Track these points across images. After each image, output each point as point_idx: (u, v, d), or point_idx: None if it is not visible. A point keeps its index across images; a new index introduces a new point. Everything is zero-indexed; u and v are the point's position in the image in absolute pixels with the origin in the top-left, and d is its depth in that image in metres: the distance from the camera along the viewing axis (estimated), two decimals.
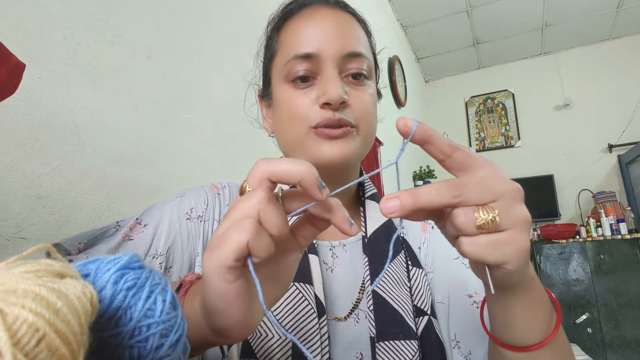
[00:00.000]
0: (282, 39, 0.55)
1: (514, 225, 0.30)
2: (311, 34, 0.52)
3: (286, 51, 0.53)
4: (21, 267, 0.19)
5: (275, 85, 0.55)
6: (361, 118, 0.52)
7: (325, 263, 0.54)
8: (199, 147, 1.14)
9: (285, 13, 0.57)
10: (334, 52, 0.51)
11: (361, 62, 0.53)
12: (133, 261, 0.27)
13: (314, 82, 0.52)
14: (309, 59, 0.51)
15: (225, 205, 0.58)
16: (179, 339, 0.27)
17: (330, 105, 0.49)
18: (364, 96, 0.53)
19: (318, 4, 0.56)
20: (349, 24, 0.55)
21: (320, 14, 0.54)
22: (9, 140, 0.68)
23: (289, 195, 0.32)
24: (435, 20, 3.59)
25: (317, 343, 0.46)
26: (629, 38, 3.93)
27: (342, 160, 0.51)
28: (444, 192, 0.29)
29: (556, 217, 3.78)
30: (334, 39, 0.51)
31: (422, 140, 0.31)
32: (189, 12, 1.17)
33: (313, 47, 0.51)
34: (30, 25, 0.73)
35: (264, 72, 0.61)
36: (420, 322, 0.51)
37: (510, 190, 0.30)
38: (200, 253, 0.53)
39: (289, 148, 0.55)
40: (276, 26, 0.58)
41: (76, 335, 0.18)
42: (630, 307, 3.06)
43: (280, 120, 0.55)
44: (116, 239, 0.49)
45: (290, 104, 0.52)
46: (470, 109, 4.47)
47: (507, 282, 0.33)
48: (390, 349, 0.48)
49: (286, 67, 0.52)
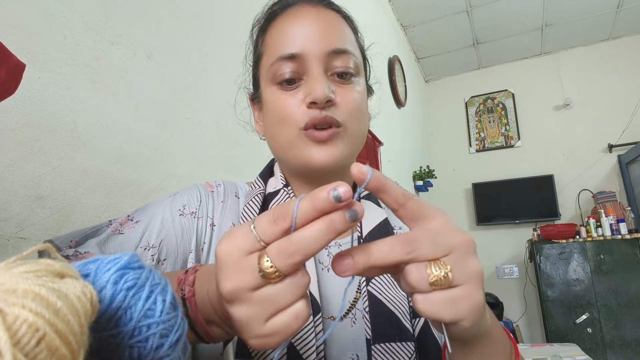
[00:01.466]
0: (267, 41, 0.55)
1: (467, 280, 0.29)
2: (295, 34, 0.52)
3: (271, 53, 0.53)
4: (21, 267, 0.19)
5: (264, 88, 0.55)
6: (349, 116, 0.52)
7: (320, 262, 0.54)
8: (199, 147, 1.14)
9: (270, 14, 0.57)
10: (318, 51, 0.51)
11: (347, 60, 0.52)
12: (133, 261, 0.27)
13: (300, 83, 0.52)
14: (294, 60, 0.51)
15: (219, 202, 0.58)
16: (179, 339, 0.27)
17: (317, 104, 0.49)
18: (351, 94, 0.53)
19: (302, 3, 0.55)
20: (334, 21, 0.54)
21: (304, 13, 0.53)
22: (9, 140, 0.68)
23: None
24: (435, 20, 3.59)
25: (312, 342, 0.46)
26: (629, 38, 3.93)
27: (330, 164, 0.51)
28: (396, 249, 0.29)
29: (556, 217, 3.78)
30: (318, 38, 0.51)
31: (376, 189, 0.30)
32: (189, 12, 1.17)
33: (297, 47, 0.51)
34: (30, 25, 0.73)
35: (252, 75, 0.60)
36: (417, 324, 0.51)
37: (462, 243, 0.30)
38: (193, 250, 0.53)
39: (280, 151, 0.55)
40: (261, 28, 0.58)
41: (76, 335, 0.18)
42: (630, 307, 3.06)
43: (270, 123, 0.55)
44: (105, 233, 0.49)
45: (278, 106, 0.52)
46: (470, 109, 4.47)
47: (465, 336, 0.33)
48: (386, 351, 0.48)
49: (272, 69, 0.52)
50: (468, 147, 4.41)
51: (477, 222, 4.11)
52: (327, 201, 0.26)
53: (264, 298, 0.27)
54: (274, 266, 0.27)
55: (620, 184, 3.70)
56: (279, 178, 0.58)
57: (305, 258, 0.27)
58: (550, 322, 3.24)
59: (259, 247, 0.28)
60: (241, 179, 0.65)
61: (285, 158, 0.54)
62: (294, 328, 0.28)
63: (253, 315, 0.28)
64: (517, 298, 3.90)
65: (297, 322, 0.28)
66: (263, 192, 0.57)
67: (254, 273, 0.27)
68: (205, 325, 0.35)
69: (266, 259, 0.27)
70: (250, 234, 0.28)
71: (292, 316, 0.28)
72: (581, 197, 3.83)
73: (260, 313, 0.27)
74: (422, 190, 3.64)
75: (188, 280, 0.36)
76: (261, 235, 0.27)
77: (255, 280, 0.27)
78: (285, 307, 0.28)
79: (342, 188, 0.26)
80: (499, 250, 4.01)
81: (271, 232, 0.27)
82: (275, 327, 0.28)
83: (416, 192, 3.63)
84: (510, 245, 3.98)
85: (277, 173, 0.60)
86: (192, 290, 0.35)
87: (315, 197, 0.27)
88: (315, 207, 0.27)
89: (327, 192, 0.26)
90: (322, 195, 0.27)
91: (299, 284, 0.28)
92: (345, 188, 0.27)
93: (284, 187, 0.57)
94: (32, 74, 0.72)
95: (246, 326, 0.28)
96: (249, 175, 0.71)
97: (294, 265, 0.27)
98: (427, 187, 3.61)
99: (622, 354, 3.02)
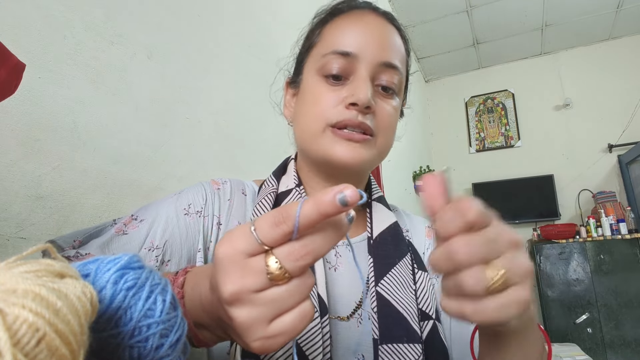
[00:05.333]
0: (325, 33, 0.56)
1: (520, 280, 0.29)
2: (354, 34, 0.53)
3: (326, 44, 0.54)
4: (21, 267, 0.19)
5: (307, 75, 0.56)
6: (382, 129, 0.53)
7: (328, 262, 0.54)
8: (199, 147, 1.14)
9: (334, 10, 0.58)
10: (371, 58, 0.52)
11: (394, 75, 0.54)
12: (133, 261, 0.27)
13: (345, 83, 0.53)
14: (346, 57, 0.52)
15: (225, 200, 0.57)
16: (179, 339, 0.27)
17: (357, 107, 0.50)
18: (389, 108, 0.54)
19: (368, 9, 0.57)
20: (393, 36, 0.56)
21: (368, 19, 0.55)
22: (9, 140, 0.68)
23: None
24: (435, 20, 3.59)
25: (319, 342, 0.45)
26: (629, 38, 3.93)
27: (353, 163, 0.51)
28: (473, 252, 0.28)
29: (556, 217, 3.77)
30: (375, 45, 0.52)
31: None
32: (189, 12, 1.17)
33: (353, 47, 0.52)
34: (30, 25, 0.73)
35: (297, 60, 0.61)
36: (425, 326, 0.51)
37: (513, 242, 0.30)
38: (200, 249, 0.52)
39: (304, 140, 0.55)
40: (322, 20, 0.59)
41: (76, 335, 0.18)
42: (630, 307, 3.06)
43: (302, 111, 0.56)
44: (109, 234, 0.49)
45: (316, 97, 0.53)
46: (470, 109, 4.47)
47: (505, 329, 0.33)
48: (393, 352, 0.47)
49: (322, 60, 0.53)
50: (468, 147, 4.41)
51: None
52: (332, 204, 0.26)
53: (269, 299, 0.27)
54: (283, 267, 0.26)
55: (620, 184, 3.69)
56: (292, 177, 0.58)
57: (315, 260, 0.27)
58: (550, 322, 3.24)
59: (260, 249, 0.27)
60: (241, 179, 0.65)
61: (308, 148, 0.55)
62: (299, 328, 0.28)
63: (257, 317, 0.27)
64: None
65: (303, 322, 0.28)
66: (275, 190, 0.57)
67: (259, 275, 0.27)
68: (193, 328, 0.34)
69: (274, 261, 0.26)
70: (250, 235, 0.27)
71: (299, 316, 0.28)
72: (581, 197, 3.83)
73: (265, 314, 0.27)
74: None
75: (177, 282, 0.35)
76: (262, 237, 0.27)
77: (261, 282, 0.27)
78: (291, 308, 0.28)
79: (348, 191, 0.26)
80: None
81: (272, 235, 0.27)
82: (280, 327, 0.27)
83: (416, 192, 3.63)
84: None
85: (291, 172, 0.60)
86: (180, 292, 0.35)
87: (320, 201, 0.26)
88: (320, 211, 0.26)
89: (332, 195, 0.26)
90: (326, 199, 0.26)
91: (305, 285, 0.28)
92: (352, 191, 0.26)
93: (296, 186, 0.57)
94: (32, 74, 0.72)
95: (249, 328, 0.27)
96: (249, 176, 0.71)
97: (304, 268, 0.27)
98: None
99: (622, 354, 3.02)
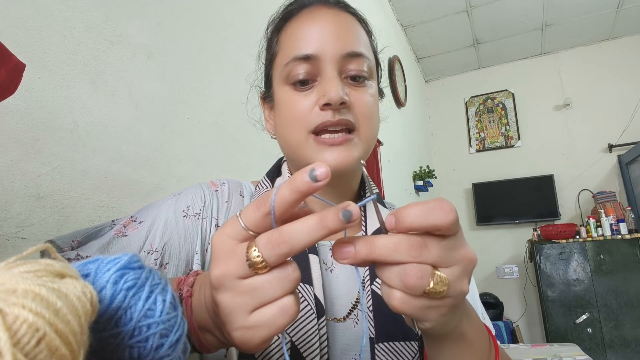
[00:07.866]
0: (282, 41, 0.55)
1: (455, 296, 0.29)
2: (310, 35, 0.52)
3: (286, 53, 0.53)
4: (21, 267, 0.19)
5: (276, 87, 0.55)
6: (362, 119, 0.52)
7: (324, 263, 0.54)
8: (199, 147, 1.14)
9: (285, 14, 0.57)
10: (333, 53, 0.51)
11: (361, 63, 0.52)
12: (133, 261, 0.27)
13: (314, 85, 0.51)
14: (309, 61, 0.51)
15: (223, 202, 0.57)
16: (179, 339, 0.27)
17: (331, 106, 0.49)
18: (364, 97, 0.53)
19: (318, 4, 0.55)
20: (349, 24, 0.54)
21: (320, 14, 0.53)
22: (9, 140, 0.68)
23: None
24: (435, 20, 3.59)
25: (316, 344, 0.45)
26: (629, 38, 3.93)
27: (342, 167, 0.50)
28: (402, 250, 0.28)
29: (556, 217, 3.77)
30: (334, 40, 0.51)
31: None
32: (189, 12, 1.17)
33: (312, 48, 0.51)
34: (30, 25, 0.73)
35: (265, 74, 0.60)
36: None
37: (466, 260, 0.30)
38: (198, 251, 0.52)
39: (291, 151, 0.55)
40: (276, 27, 0.58)
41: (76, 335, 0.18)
42: (630, 307, 3.06)
43: (281, 123, 0.55)
44: (108, 236, 0.49)
45: (290, 106, 0.52)
46: (470, 109, 4.47)
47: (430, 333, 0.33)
48: (389, 350, 0.47)
49: (286, 69, 0.52)
50: (468, 147, 4.41)
51: (477, 222, 4.11)
52: (303, 180, 0.26)
53: (250, 288, 0.27)
54: (261, 256, 0.27)
55: (620, 184, 3.69)
56: (287, 178, 0.58)
57: (291, 250, 0.27)
58: (550, 322, 3.24)
59: (246, 235, 0.28)
60: (241, 179, 0.65)
61: (296, 158, 0.54)
62: (279, 323, 0.28)
63: (238, 304, 0.28)
64: (517, 298, 3.89)
65: (283, 317, 0.27)
66: None
67: (241, 261, 0.27)
68: (197, 330, 0.34)
69: (254, 249, 0.27)
70: (236, 221, 0.28)
71: (279, 310, 0.27)
72: (581, 197, 3.83)
73: (246, 303, 0.28)
74: (422, 191, 3.64)
75: (188, 281, 0.36)
76: (245, 221, 0.28)
77: (242, 268, 0.27)
78: (271, 300, 0.28)
79: (320, 168, 0.26)
80: (499, 250, 4.01)
81: (254, 217, 0.28)
82: (259, 319, 0.27)
83: (416, 192, 3.63)
84: (510, 245, 3.98)
85: (285, 173, 0.59)
86: (190, 291, 0.35)
87: (292, 179, 0.27)
88: (292, 188, 0.27)
89: (304, 172, 0.26)
90: (298, 176, 0.26)
91: (288, 278, 0.28)
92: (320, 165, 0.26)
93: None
94: (32, 74, 0.72)
95: (229, 315, 0.28)
96: (249, 176, 0.71)
97: (280, 257, 0.27)
98: (427, 187, 3.61)
99: (622, 354, 3.02)
